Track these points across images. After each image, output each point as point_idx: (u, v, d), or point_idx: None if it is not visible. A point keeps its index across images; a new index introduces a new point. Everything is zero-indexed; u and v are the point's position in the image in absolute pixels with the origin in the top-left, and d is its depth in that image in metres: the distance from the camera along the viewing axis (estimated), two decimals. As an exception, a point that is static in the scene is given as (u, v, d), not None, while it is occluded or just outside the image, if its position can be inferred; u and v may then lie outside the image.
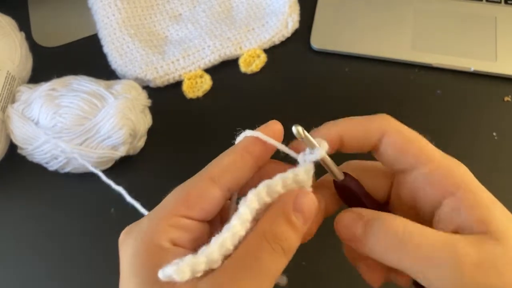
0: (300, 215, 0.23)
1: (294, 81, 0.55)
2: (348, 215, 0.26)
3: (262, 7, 0.59)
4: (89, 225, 0.47)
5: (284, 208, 0.23)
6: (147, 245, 0.23)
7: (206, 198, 0.24)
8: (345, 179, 0.27)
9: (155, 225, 0.23)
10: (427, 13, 0.58)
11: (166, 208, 0.24)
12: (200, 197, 0.24)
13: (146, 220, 0.24)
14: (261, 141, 0.26)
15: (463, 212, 0.23)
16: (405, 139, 0.25)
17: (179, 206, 0.24)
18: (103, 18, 0.55)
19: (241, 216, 0.22)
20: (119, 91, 0.47)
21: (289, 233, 0.23)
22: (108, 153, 0.46)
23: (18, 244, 0.47)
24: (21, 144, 0.47)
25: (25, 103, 0.46)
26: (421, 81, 0.55)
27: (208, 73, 0.54)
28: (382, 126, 0.26)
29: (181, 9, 0.59)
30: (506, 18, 0.57)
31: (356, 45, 0.56)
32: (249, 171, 0.25)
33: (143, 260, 0.22)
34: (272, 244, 0.22)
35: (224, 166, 0.25)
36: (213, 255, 0.21)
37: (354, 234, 0.25)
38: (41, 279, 0.45)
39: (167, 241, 0.23)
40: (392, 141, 0.26)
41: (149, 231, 0.23)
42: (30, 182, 0.49)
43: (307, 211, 0.24)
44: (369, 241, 0.24)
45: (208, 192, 0.24)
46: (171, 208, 0.24)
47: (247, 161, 0.25)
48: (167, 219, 0.23)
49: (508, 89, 0.54)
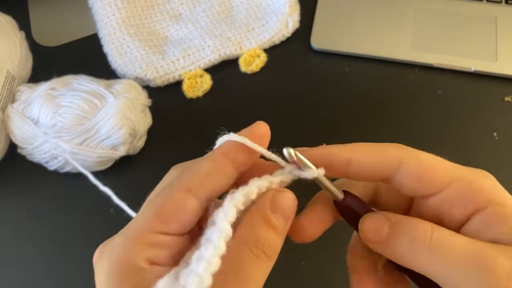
0: (279, 215, 0.22)
1: (294, 81, 0.55)
2: (375, 215, 0.25)
3: (262, 7, 0.59)
4: (88, 224, 0.47)
5: (262, 212, 0.22)
6: (123, 266, 0.21)
7: (182, 211, 0.22)
8: (346, 198, 0.25)
9: (130, 244, 0.22)
10: (427, 13, 0.58)
11: (140, 225, 0.22)
12: (176, 210, 0.22)
13: (119, 239, 0.22)
14: (245, 147, 0.24)
15: (494, 226, 0.23)
16: (423, 167, 0.24)
17: (154, 222, 0.22)
18: (103, 17, 0.55)
19: (223, 233, 0.20)
20: (119, 91, 0.47)
21: (271, 237, 0.22)
22: (108, 153, 0.46)
23: (18, 243, 0.47)
24: (21, 144, 0.47)
25: (25, 103, 0.46)
26: (421, 81, 0.55)
27: (208, 72, 0.54)
28: (399, 155, 0.24)
29: (181, 9, 0.59)
30: (506, 18, 0.57)
31: (356, 45, 0.56)
32: (230, 179, 0.24)
33: (118, 281, 0.21)
34: (254, 252, 0.21)
35: (202, 175, 0.23)
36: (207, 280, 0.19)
37: (380, 234, 0.24)
38: (41, 279, 0.45)
39: (144, 261, 0.21)
40: (409, 171, 0.24)
41: (123, 250, 0.22)
42: (29, 182, 0.49)
43: (286, 210, 0.23)
44: (396, 243, 0.23)
45: (185, 204, 0.22)
46: (146, 224, 0.22)
47: (228, 169, 0.23)
48: (142, 237, 0.22)
49: (508, 89, 0.54)
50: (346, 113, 0.53)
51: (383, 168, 0.24)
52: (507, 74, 0.54)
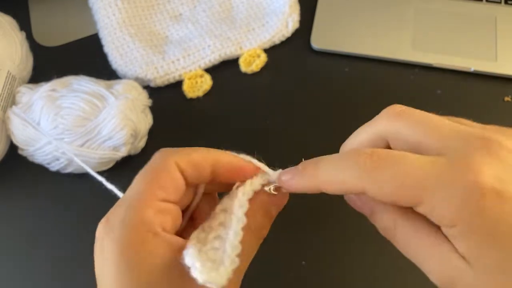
0: (275, 207, 0.26)
1: (294, 81, 0.55)
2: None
3: (262, 7, 0.59)
4: (91, 225, 0.47)
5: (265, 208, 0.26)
6: (141, 232, 0.22)
7: (177, 180, 0.24)
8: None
9: (143, 210, 0.22)
10: (427, 13, 0.58)
11: (143, 192, 0.23)
12: (172, 179, 0.24)
13: (127, 208, 0.22)
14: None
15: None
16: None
17: (156, 190, 0.23)
18: (103, 17, 0.56)
19: (241, 223, 0.24)
20: (120, 91, 0.47)
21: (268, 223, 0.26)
22: (109, 154, 0.46)
23: (19, 244, 0.47)
24: (22, 146, 0.47)
25: (25, 105, 0.46)
26: (421, 81, 0.55)
27: (208, 72, 0.54)
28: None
29: (181, 9, 0.59)
30: (506, 18, 0.57)
31: (356, 45, 0.56)
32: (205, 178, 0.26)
33: (136, 250, 0.21)
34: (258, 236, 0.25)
35: (190, 153, 0.26)
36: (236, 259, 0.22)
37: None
38: (42, 279, 0.45)
39: (159, 226, 0.22)
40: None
41: (139, 217, 0.22)
42: (31, 182, 0.49)
43: (281, 204, 0.27)
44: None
45: (177, 174, 0.24)
46: (149, 191, 0.23)
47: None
48: (151, 203, 0.22)
49: (508, 89, 0.54)
50: (346, 113, 0.53)
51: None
52: (507, 74, 0.54)
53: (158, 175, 0.24)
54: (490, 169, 0.20)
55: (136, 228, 0.22)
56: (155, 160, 0.25)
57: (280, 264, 0.44)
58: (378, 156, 0.21)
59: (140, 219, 0.22)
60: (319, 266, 0.44)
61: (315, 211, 0.46)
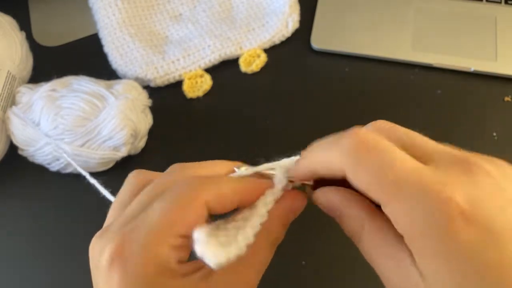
0: (292, 215, 0.27)
1: (294, 81, 0.55)
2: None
3: (262, 7, 0.59)
4: (91, 226, 0.47)
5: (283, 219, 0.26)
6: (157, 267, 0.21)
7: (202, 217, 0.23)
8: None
9: (160, 247, 0.22)
10: (427, 13, 0.58)
11: (164, 228, 0.22)
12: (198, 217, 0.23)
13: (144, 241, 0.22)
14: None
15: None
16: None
17: (178, 227, 0.22)
18: (103, 17, 0.56)
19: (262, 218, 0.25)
20: (120, 91, 0.47)
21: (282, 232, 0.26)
22: (109, 154, 0.46)
23: (19, 244, 0.47)
24: (22, 146, 0.47)
25: (25, 105, 0.46)
26: (421, 81, 0.55)
27: (208, 72, 0.55)
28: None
29: (181, 9, 0.59)
30: (506, 18, 0.57)
31: (356, 45, 0.56)
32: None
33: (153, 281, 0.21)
34: (274, 243, 0.25)
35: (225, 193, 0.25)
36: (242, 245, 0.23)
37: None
38: (42, 279, 0.45)
39: (175, 261, 0.22)
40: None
41: (152, 253, 0.22)
42: (31, 182, 0.49)
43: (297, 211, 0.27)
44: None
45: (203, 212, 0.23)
46: (169, 227, 0.22)
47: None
48: (169, 240, 0.22)
49: (508, 89, 0.54)
50: (346, 113, 0.53)
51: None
52: (507, 74, 0.54)
53: (184, 211, 0.23)
54: (463, 189, 0.19)
55: (151, 266, 0.22)
56: (183, 190, 0.24)
57: (280, 264, 0.44)
58: (367, 142, 0.22)
59: (156, 256, 0.22)
60: (319, 266, 0.44)
61: (315, 211, 0.46)
